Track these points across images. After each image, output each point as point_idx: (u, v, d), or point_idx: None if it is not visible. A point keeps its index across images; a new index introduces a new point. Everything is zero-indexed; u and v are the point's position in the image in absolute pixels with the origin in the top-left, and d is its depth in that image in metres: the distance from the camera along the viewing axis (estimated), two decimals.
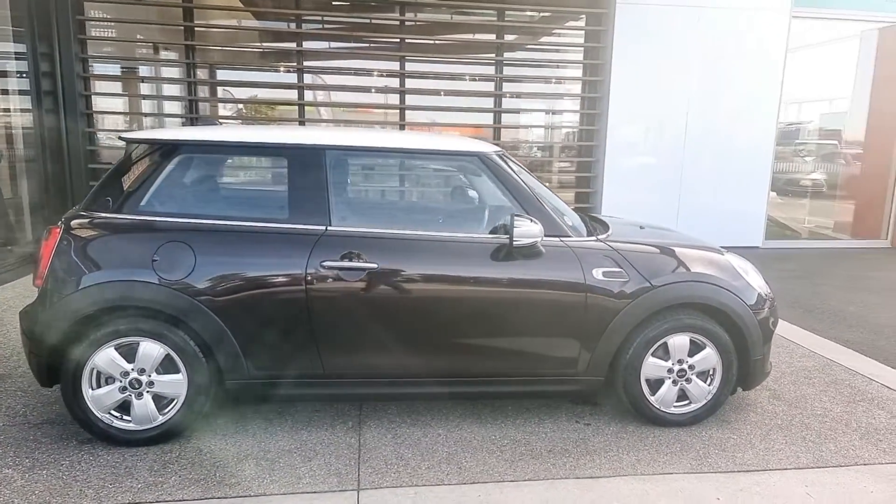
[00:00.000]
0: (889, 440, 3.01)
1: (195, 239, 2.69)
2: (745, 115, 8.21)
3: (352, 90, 7.99)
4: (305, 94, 7.81)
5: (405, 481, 2.55)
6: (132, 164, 2.86)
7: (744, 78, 8.10)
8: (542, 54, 8.78)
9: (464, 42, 8.45)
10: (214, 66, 7.90)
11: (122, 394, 2.71)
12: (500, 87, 8.19)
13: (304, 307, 2.73)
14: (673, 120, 8.11)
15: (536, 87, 8.62)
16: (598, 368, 2.99)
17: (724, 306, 3.00)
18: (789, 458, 2.82)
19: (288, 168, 2.83)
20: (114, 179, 2.86)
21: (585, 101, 8.24)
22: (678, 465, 2.73)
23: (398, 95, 7.97)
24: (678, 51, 7.91)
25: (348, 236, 2.79)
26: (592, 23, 8.05)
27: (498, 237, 2.90)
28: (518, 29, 8.43)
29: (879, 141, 9.36)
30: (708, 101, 8.08)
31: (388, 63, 8.07)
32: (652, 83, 7.95)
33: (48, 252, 2.66)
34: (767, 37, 8.14)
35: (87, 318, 2.63)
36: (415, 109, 8.11)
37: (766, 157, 8.40)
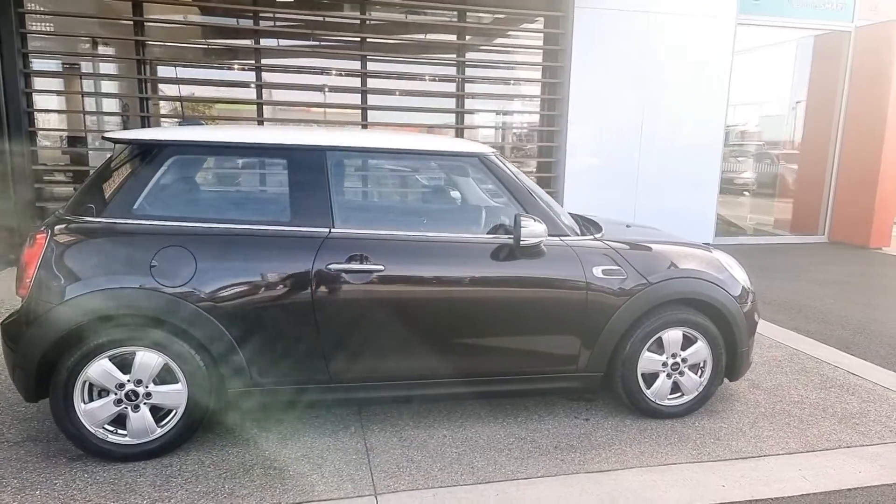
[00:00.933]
0: (865, 423, 3.20)
1: (195, 243, 2.59)
2: (696, 117, 8.54)
3: (312, 90, 7.85)
4: (263, 93, 7.63)
5: (421, 484, 2.53)
6: (121, 166, 2.72)
7: (694, 81, 8.43)
8: (503, 56, 8.88)
9: (425, 42, 8.45)
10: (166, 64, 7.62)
11: (118, 407, 2.58)
12: (461, 88, 8.23)
13: (309, 310, 2.68)
14: (629, 121, 8.35)
15: (497, 88, 8.72)
16: (597, 364, 3.05)
17: (714, 301, 3.12)
18: (779, 444, 2.96)
19: (288, 169, 2.77)
20: (101, 182, 2.71)
21: (545, 103, 8.38)
22: (680, 456, 2.82)
23: (359, 95, 7.89)
24: (634, 55, 8.16)
25: (353, 238, 2.75)
26: (551, 26, 8.19)
27: (502, 237, 2.92)
28: (479, 30, 8.50)
29: (816, 142, 9.92)
30: (661, 103, 8.37)
31: (349, 62, 7.99)
32: (609, 86, 8.16)
33: (33, 260, 2.50)
34: (715, 42, 8.49)
35: (80, 329, 2.49)
36: (376, 109, 8.04)
37: (716, 157, 8.76)
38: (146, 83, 7.24)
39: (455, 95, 8.20)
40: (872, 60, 9.09)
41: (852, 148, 9.43)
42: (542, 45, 8.32)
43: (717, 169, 8.79)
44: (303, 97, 7.95)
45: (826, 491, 2.55)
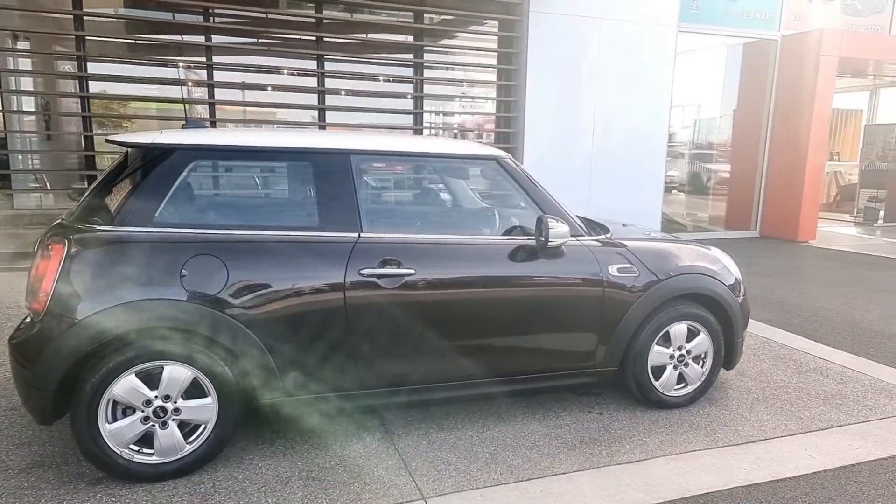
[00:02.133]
0: (846, 404, 3.48)
1: (225, 251, 2.50)
2: (643, 119, 8.92)
3: (268, 89, 7.64)
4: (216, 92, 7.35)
5: (465, 485, 2.55)
6: (136, 171, 2.57)
7: (640, 85, 8.80)
8: (460, 57, 8.96)
9: (382, 43, 8.40)
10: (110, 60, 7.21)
11: (145, 424, 2.45)
12: (419, 89, 8.24)
13: (342, 317, 2.64)
14: (582, 123, 8.62)
15: (455, 90, 8.80)
16: (612, 359, 3.17)
17: (716, 295, 3.31)
18: (780, 426, 3.17)
19: (314, 174, 2.71)
20: (114, 188, 2.56)
21: (502, 105, 8.52)
22: (697, 443, 2.97)
23: (316, 95, 7.76)
24: (586, 59, 8.43)
25: (383, 243, 2.73)
26: (506, 29, 8.34)
27: (520, 238, 2.98)
28: (435, 32, 8.53)
29: (747, 143, 10.59)
30: (611, 105, 8.68)
31: (306, 62, 7.84)
32: (564, 88, 8.40)
33: (51, 272, 2.34)
34: (659, 48, 8.90)
35: (106, 344, 2.35)
36: (334, 110, 7.93)
37: (660, 157, 9.18)
38: (85, 81, 6.83)
39: (413, 96, 8.21)
40: (797, 67, 9.80)
41: (780, 149, 10.12)
42: (498, 48, 8.46)
43: (662, 168, 9.21)
44: (257, 97, 7.74)
45: (834, 468, 2.76)
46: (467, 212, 3.50)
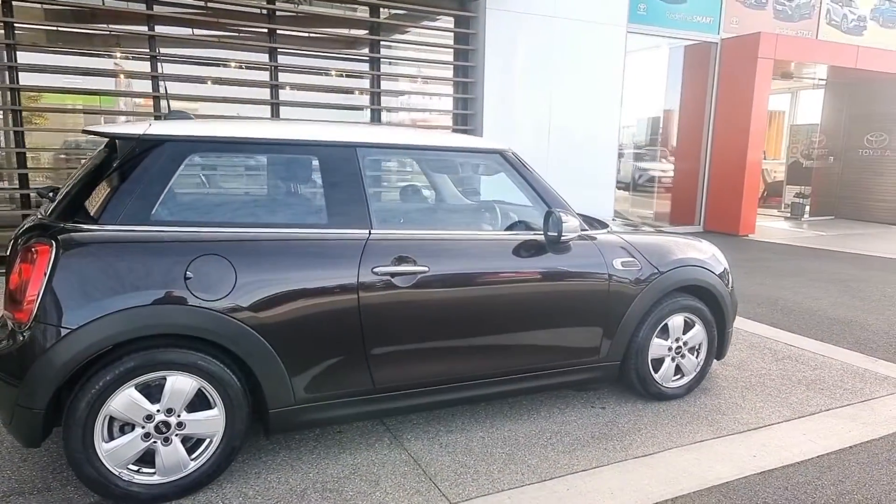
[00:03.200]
0: (827, 388, 3.62)
1: (233, 251, 2.31)
2: (595, 117, 9.09)
3: (218, 83, 7.29)
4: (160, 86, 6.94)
5: (489, 488, 2.47)
6: (124, 165, 2.34)
7: (593, 83, 8.95)
8: (418, 53, 8.83)
9: (336, 37, 8.18)
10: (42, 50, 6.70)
11: (146, 442, 2.24)
12: (377, 85, 8.08)
13: (355, 317, 2.50)
14: (539, 120, 8.69)
15: (413, 86, 8.68)
16: (616, 353, 3.17)
17: (710, 286, 3.37)
18: (773, 413, 3.26)
19: (321, 168, 2.56)
20: (100, 183, 2.32)
21: (460, 102, 8.48)
22: (702, 433, 3.01)
23: (269, 90, 7.48)
24: (541, 56, 8.49)
25: (395, 240, 2.61)
26: (462, 25, 8.30)
27: (534, 233, 2.93)
28: (392, 27, 8.39)
29: (690, 142, 10.99)
30: (565, 103, 8.79)
31: (258, 55, 7.54)
32: (521, 85, 8.44)
33: (38, 276, 2.09)
34: (609, 48, 9.09)
35: (104, 355, 2.13)
36: (288, 105, 7.66)
37: (612, 154, 9.39)
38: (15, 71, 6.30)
39: (371, 92, 8.04)
40: (736, 69, 10.24)
41: (721, 147, 10.56)
42: (455, 45, 8.41)
43: (614, 166, 9.43)
44: (207, 91, 7.37)
45: (835, 450, 2.86)
46: (470, 207, 3.42)
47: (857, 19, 12.05)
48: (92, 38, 7.14)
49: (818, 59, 10.89)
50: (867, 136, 13.06)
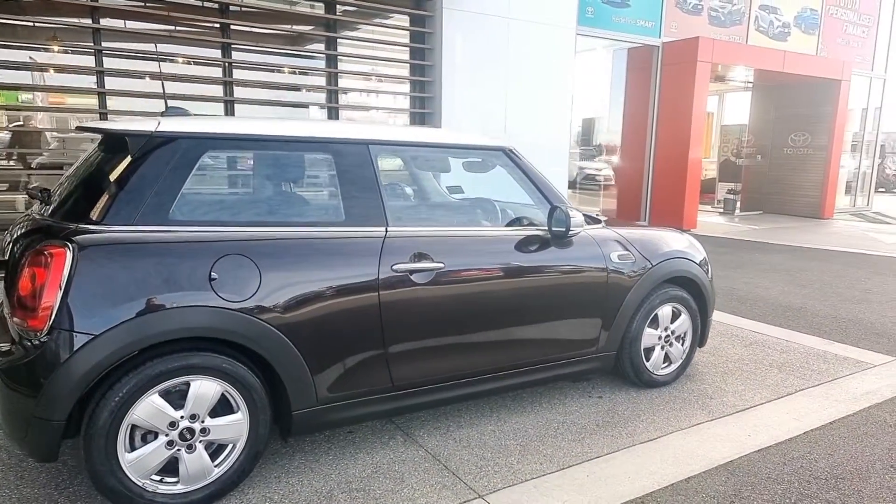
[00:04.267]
0: (796, 370, 3.87)
1: (257, 250, 2.26)
2: (548, 117, 9.29)
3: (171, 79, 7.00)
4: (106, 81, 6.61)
5: (512, 479, 2.52)
6: (135, 163, 2.23)
7: (545, 84, 9.15)
8: (375, 51, 8.77)
9: (292, 33, 8.03)
10: None
11: (170, 450, 2.16)
12: (334, 82, 7.97)
13: (376, 315, 2.49)
14: (495, 120, 8.81)
15: (370, 84, 8.61)
16: (613, 344, 3.28)
17: (695, 277, 3.54)
18: (755, 394, 3.46)
19: (337, 166, 2.53)
20: (117, 183, 2.20)
21: (417, 101, 8.48)
22: (698, 416, 3.16)
23: (222, 87, 7.26)
24: (497, 56, 8.60)
25: (411, 237, 2.61)
26: (417, 24, 8.31)
27: (539, 228, 2.99)
28: (347, 24, 8.29)
29: (634, 141, 11.41)
30: (520, 103, 8.94)
31: (212, 51, 7.30)
32: (478, 85, 8.52)
33: (54, 281, 1.97)
34: (561, 49, 9.32)
35: (128, 361, 2.04)
36: (242, 103, 7.46)
37: (565, 154, 9.63)
38: None
39: (326, 90, 7.93)
40: (676, 71, 10.72)
41: (664, 146, 11.02)
42: (412, 43, 8.41)
43: (566, 163, 9.68)
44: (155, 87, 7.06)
45: (818, 426, 3.06)
46: (471, 203, 3.45)
47: (782, 26, 12.85)
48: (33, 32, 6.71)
49: (750, 63, 11.53)
50: (791, 135, 13.94)
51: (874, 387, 3.59)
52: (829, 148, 13.11)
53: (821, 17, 13.39)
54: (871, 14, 14.31)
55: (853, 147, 14.97)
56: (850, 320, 5.06)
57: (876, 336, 4.62)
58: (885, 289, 6.30)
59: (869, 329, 4.80)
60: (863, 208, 15.42)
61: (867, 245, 9.43)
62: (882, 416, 3.19)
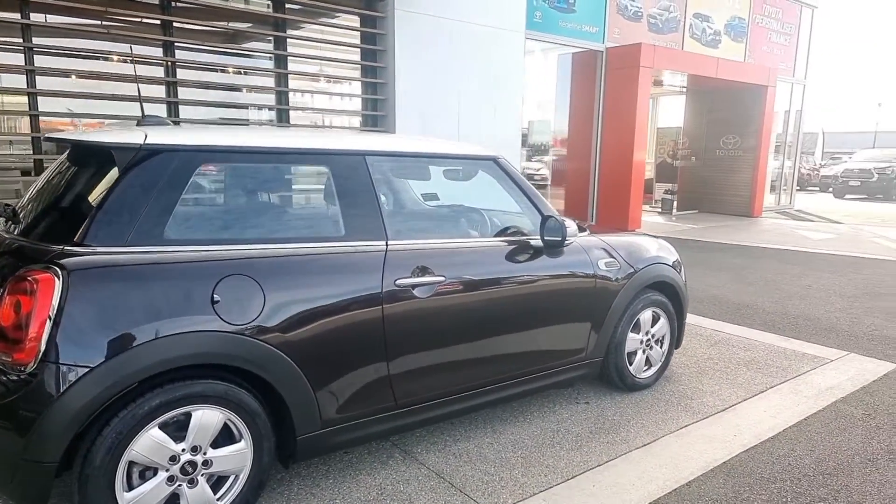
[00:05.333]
0: (762, 367, 4.03)
1: (259, 269, 2.14)
2: (501, 120, 9.36)
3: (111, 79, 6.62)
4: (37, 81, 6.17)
5: (520, 493, 2.50)
6: (124, 178, 2.07)
7: (497, 86, 9.21)
8: (325, 52, 8.57)
9: (239, 32, 7.74)
10: None
11: (171, 486, 2.01)
12: (284, 83, 7.75)
13: (379, 332, 2.42)
14: (449, 122, 8.79)
15: (320, 85, 8.41)
16: (599, 350, 3.32)
17: (673, 282, 3.63)
18: (731, 394, 3.58)
19: (334, 178, 2.44)
20: (103, 200, 2.02)
21: (369, 102, 8.37)
22: (683, 418, 3.24)
23: (164, 87, 6.92)
24: (450, 59, 8.58)
25: (411, 250, 2.55)
26: (368, 25, 8.19)
27: (530, 237, 2.98)
28: (296, 23, 8.07)
29: (581, 143, 11.67)
30: (472, 105, 8.96)
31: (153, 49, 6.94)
32: (432, 88, 8.47)
33: (42, 310, 1.79)
34: (511, 52, 9.40)
35: (128, 394, 1.88)
36: (187, 105, 7.13)
37: (516, 155, 9.73)
38: None
39: (276, 91, 7.70)
40: (620, 76, 11.03)
41: (609, 148, 11.32)
42: (363, 44, 8.28)
43: (518, 164, 9.78)
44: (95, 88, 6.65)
45: (794, 423, 3.20)
46: (459, 213, 3.40)
47: (713, 33, 13.44)
48: None
49: (688, 69, 12.02)
50: (723, 138, 14.62)
51: (835, 381, 3.79)
52: (757, 150, 13.83)
53: (748, 26, 14.10)
54: (792, 23, 15.20)
55: (776, 149, 15.84)
56: (799, 316, 5.34)
57: (825, 331, 4.89)
58: (821, 284, 6.68)
59: (817, 324, 5.08)
60: (786, 206, 16.36)
61: (797, 242, 9.99)
62: (849, 411, 3.37)
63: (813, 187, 24.71)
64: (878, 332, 4.87)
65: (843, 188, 20.65)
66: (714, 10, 13.29)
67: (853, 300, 5.94)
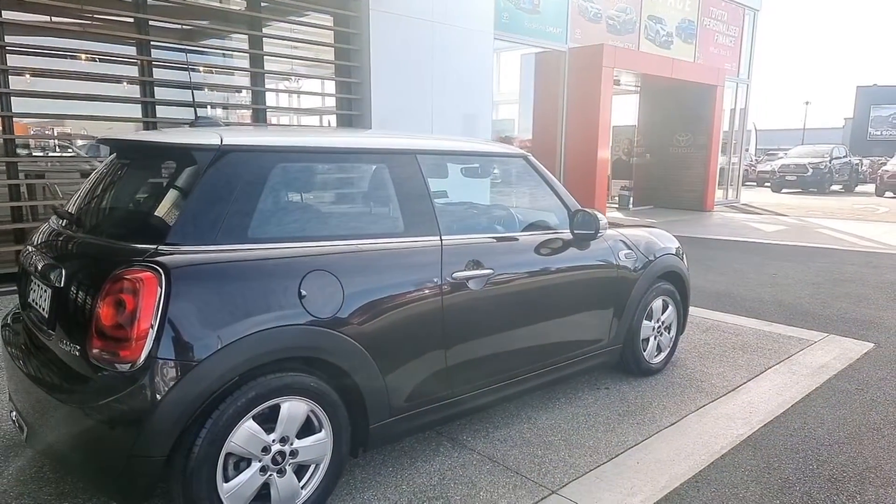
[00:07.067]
0: (757, 350, 4.32)
1: (337, 265, 2.21)
2: (471, 116, 9.50)
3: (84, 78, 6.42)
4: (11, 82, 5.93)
5: (573, 473, 2.64)
6: (211, 179, 2.08)
7: (468, 85, 9.34)
8: (299, 51, 8.52)
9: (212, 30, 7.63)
10: None
11: (263, 475, 2.07)
12: (260, 83, 7.67)
13: (439, 323, 2.52)
14: (422, 121, 8.87)
15: (295, 84, 8.36)
16: (619, 337, 3.50)
17: (680, 271, 3.86)
18: (735, 375, 3.83)
19: (392, 177, 2.52)
20: (187, 200, 2.04)
21: (344, 102, 8.37)
22: (699, 399, 3.45)
23: (141, 86, 6.77)
24: (423, 60, 8.66)
25: (463, 244, 2.66)
26: (342, 24, 8.19)
27: (561, 231, 3.14)
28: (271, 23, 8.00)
29: (546, 141, 11.96)
30: (445, 103, 9.07)
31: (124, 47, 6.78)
32: (405, 86, 8.51)
33: (148, 308, 1.82)
34: (481, 51, 9.56)
35: (229, 386, 1.93)
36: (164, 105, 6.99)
37: None
38: None
39: (251, 89, 7.62)
40: (583, 76, 11.36)
41: (574, 144, 11.65)
42: (336, 43, 8.26)
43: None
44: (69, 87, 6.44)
45: (800, 399, 3.46)
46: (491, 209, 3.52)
47: (666, 35, 14.00)
48: None
49: (646, 69, 12.49)
50: (676, 135, 15.24)
51: (824, 360, 4.11)
52: (709, 146, 14.49)
53: (697, 28, 14.74)
54: (736, 26, 15.97)
55: (723, 145, 16.62)
56: (773, 302, 5.71)
57: (802, 315, 5.25)
58: (786, 272, 7.14)
59: (792, 309, 5.45)
60: (733, 201, 17.18)
61: (752, 234, 10.57)
62: (844, 387, 3.67)
63: (750, 182, 25.94)
64: (849, 314, 5.28)
65: (781, 182, 21.79)
66: (666, 13, 13.84)
67: (818, 287, 6.38)
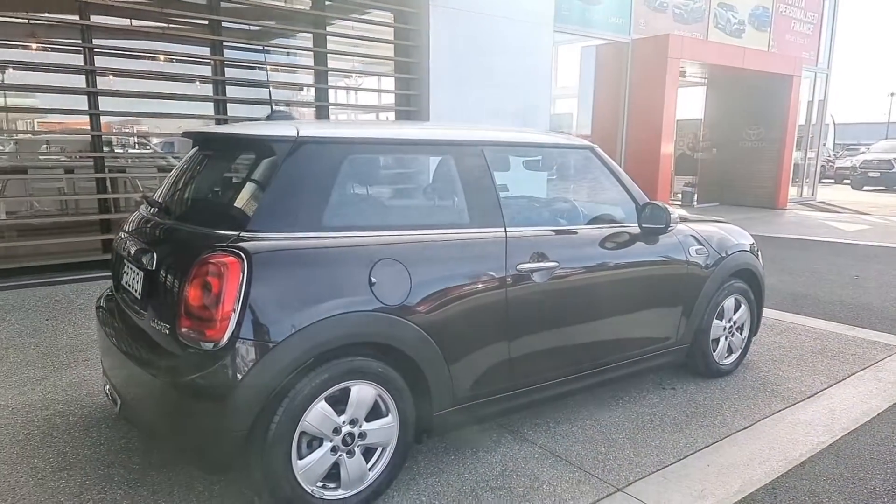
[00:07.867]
0: (838, 356, 4.07)
1: (405, 254, 2.24)
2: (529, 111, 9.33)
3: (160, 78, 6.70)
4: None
5: (639, 472, 2.58)
6: (280, 169, 2.15)
7: (525, 79, 9.16)
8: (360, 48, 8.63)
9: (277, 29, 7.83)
10: None
11: (334, 455, 2.13)
12: (322, 80, 7.80)
13: (503, 314, 2.51)
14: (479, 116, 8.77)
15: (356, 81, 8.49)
16: (687, 336, 3.38)
17: (754, 269, 3.69)
18: (816, 380, 3.63)
19: (458, 168, 2.53)
20: (272, 190, 2.11)
21: (403, 99, 8.40)
22: (774, 404, 3.29)
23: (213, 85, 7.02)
24: (480, 52, 8.53)
25: (528, 237, 2.64)
26: (402, 21, 8.24)
27: (629, 225, 3.06)
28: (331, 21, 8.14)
29: (606, 136, 11.67)
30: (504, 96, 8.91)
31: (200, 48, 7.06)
32: (463, 81, 8.40)
33: (232, 291, 1.90)
34: (539, 46, 9.38)
35: (305, 368, 1.99)
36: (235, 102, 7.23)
37: None
38: None
39: (316, 87, 7.78)
40: (647, 67, 11.04)
41: (636, 139, 11.35)
42: (396, 40, 8.32)
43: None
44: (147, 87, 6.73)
45: (887, 408, 3.24)
46: (554, 201, 3.48)
47: (738, 23, 13.43)
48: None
49: (715, 59, 12.03)
50: (746, 129, 14.61)
51: None
52: (782, 140, 13.83)
53: (772, 15, 14.08)
54: (815, 12, 15.16)
55: (798, 140, 15.84)
56: (856, 305, 5.39)
57: (888, 320, 4.94)
58: (870, 275, 6.73)
59: (877, 314, 5.13)
60: (809, 198, 16.35)
61: (830, 233, 10.03)
62: None
63: (828, 179, 24.61)
64: None
65: (862, 179, 20.58)
66: (738, 0, 13.28)
67: None
